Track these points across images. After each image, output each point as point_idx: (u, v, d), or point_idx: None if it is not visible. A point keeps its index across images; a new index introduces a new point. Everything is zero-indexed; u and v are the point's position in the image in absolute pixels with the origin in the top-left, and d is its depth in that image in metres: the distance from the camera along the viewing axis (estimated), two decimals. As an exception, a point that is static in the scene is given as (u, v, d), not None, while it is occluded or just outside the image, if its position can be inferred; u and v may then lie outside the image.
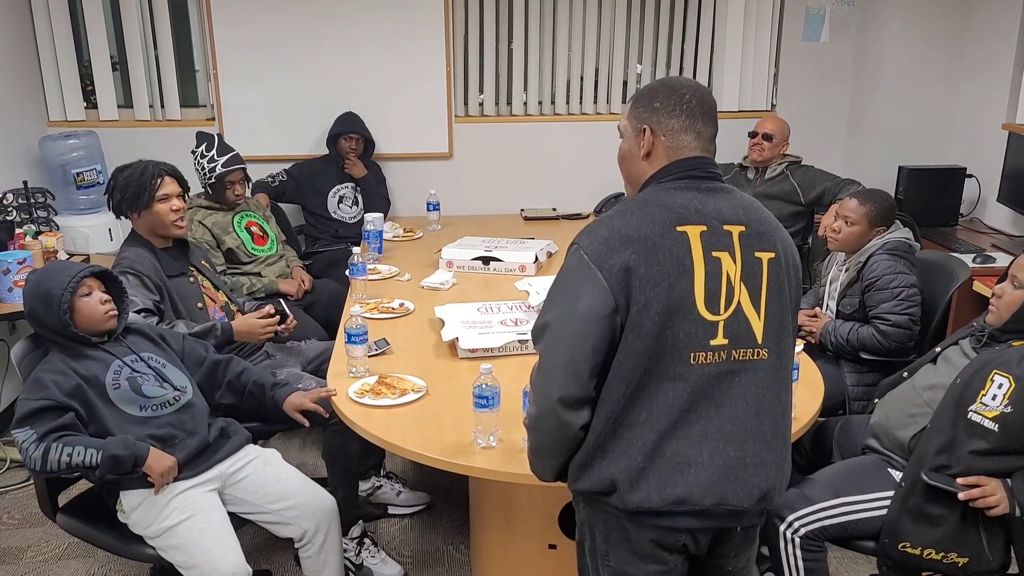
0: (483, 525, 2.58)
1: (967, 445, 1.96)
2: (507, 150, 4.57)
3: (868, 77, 4.48)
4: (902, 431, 2.18)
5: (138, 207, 2.65)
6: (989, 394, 1.95)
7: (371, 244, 3.55)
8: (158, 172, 2.67)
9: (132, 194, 2.64)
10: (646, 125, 1.55)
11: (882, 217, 2.80)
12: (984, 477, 1.94)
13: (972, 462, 1.96)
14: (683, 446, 1.47)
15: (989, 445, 1.94)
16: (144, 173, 2.65)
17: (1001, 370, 1.96)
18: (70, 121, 4.23)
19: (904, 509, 2.02)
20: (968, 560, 2.00)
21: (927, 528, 2.00)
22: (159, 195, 2.64)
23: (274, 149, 4.34)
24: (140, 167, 2.68)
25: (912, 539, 2.02)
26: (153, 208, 2.64)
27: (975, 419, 1.95)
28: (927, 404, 2.13)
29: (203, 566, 2.04)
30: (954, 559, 2.00)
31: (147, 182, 2.63)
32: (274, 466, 2.33)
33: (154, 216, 2.66)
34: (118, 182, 2.68)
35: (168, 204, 2.66)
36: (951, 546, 1.99)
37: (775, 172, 3.88)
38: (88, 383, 2.13)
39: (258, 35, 4.23)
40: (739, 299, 1.48)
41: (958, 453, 1.97)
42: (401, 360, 2.49)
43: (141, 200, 2.64)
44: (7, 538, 2.95)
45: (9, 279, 3.03)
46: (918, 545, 2.02)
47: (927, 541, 2.01)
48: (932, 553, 2.01)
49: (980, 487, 1.93)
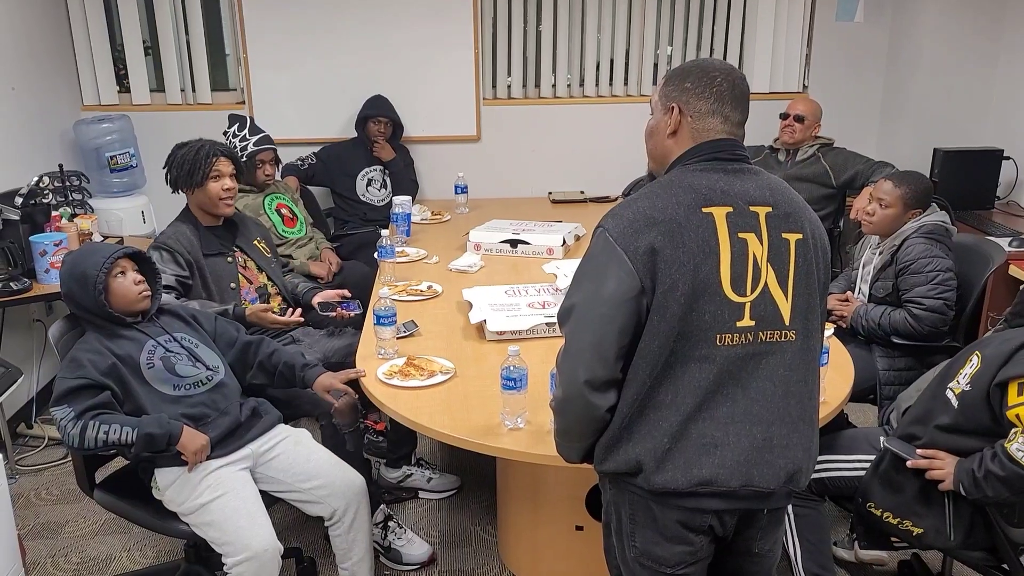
0: (510, 506, 2.60)
1: (935, 419, 2.00)
2: (535, 133, 4.56)
3: (903, 58, 4.40)
4: (907, 403, 2.23)
5: (192, 184, 2.74)
6: (964, 372, 1.97)
7: (399, 227, 3.57)
8: (214, 151, 2.75)
9: (187, 171, 2.73)
10: (675, 103, 1.54)
11: (918, 200, 2.75)
12: (941, 452, 1.97)
13: (935, 436, 1.99)
14: (709, 427, 1.47)
15: (949, 420, 1.97)
16: (200, 151, 2.74)
17: (979, 349, 1.97)
18: (104, 105, 4.29)
19: (876, 473, 2.08)
20: (924, 531, 2.02)
21: (892, 493, 2.04)
22: (212, 173, 2.72)
23: (303, 132, 4.38)
24: (197, 145, 2.77)
25: (877, 501, 2.07)
26: (206, 186, 2.73)
27: (947, 395, 1.98)
28: None
29: (235, 543, 2.08)
30: (908, 527, 2.03)
31: (202, 160, 2.72)
32: (304, 445, 2.36)
33: (205, 193, 2.75)
34: (175, 159, 2.77)
35: (220, 183, 2.75)
36: (908, 514, 2.03)
37: (806, 154, 3.84)
38: (123, 362, 2.17)
39: (287, 19, 4.25)
40: (766, 280, 1.48)
41: (927, 425, 2.02)
42: (429, 342, 2.51)
43: (195, 177, 2.73)
44: (46, 513, 3.03)
45: (46, 261, 3.09)
46: (879, 507, 2.06)
47: (887, 505, 2.05)
48: (890, 517, 2.05)
49: (930, 459, 1.97)
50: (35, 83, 3.83)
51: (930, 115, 4.31)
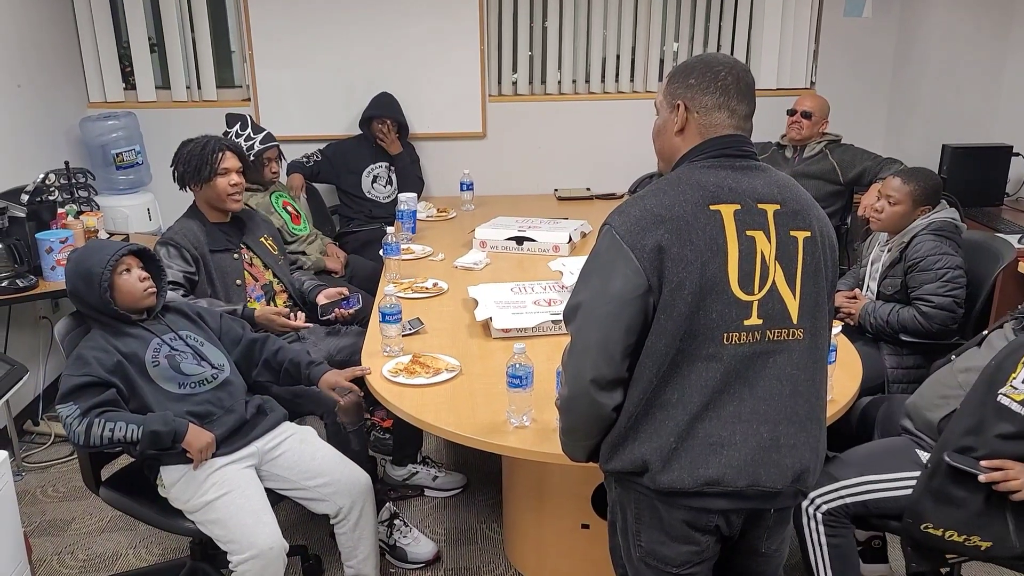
0: (516, 504, 2.59)
1: (994, 428, 1.92)
2: (541, 129, 4.55)
3: (911, 54, 4.37)
4: (933, 412, 2.15)
5: (199, 180, 2.74)
6: (1020, 377, 1.90)
7: (405, 224, 3.57)
8: (220, 147, 2.75)
9: (194, 167, 2.72)
10: (680, 101, 1.53)
11: (927, 196, 2.73)
12: (1009, 461, 1.91)
13: (997, 446, 1.92)
14: (716, 427, 1.46)
15: (1015, 428, 1.89)
16: (206, 147, 2.74)
17: None
18: (109, 102, 4.30)
19: (928, 490, 1.99)
20: (991, 544, 1.97)
21: (950, 510, 1.97)
22: (220, 169, 2.72)
23: (308, 129, 4.38)
24: (203, 141, 2.76)
25: (934, 520, 1.99)
26: (213, 181, 2.73)
27: (1004, 402, 1.91)
28: (960, 386, 2.09)
29: (241, 540, 2.08)
30: (976, 542, 1.97)
31: (208, 156, 2.72)
32: (310, 443, 2.36)
33: (212, 189, 2.74)
34: (182, 155, 2.76)
35: (227, 179, 2.74)
36: (973, 529, 1.96)
37: (814, 151, 3.82)
38: (128, 360, 2.17)
39: (292, 16, 4.25)
40: (773, 279, 1.46)
41: (984, 436, 1.93)
42: (435, 340, 2.51)
43: (202, 173, 2.72)
44: (52, 510, 3.03)
45: (52, 258, 3.09)
46: (940, 526, 1.99)
47: (949, 523, 1.98)
48: (954, 535, 1.98)
49: (1003, 470, 1.90)
50: (41, 80, 3.83)
51: (938, 111, 4.29)
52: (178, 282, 2.64)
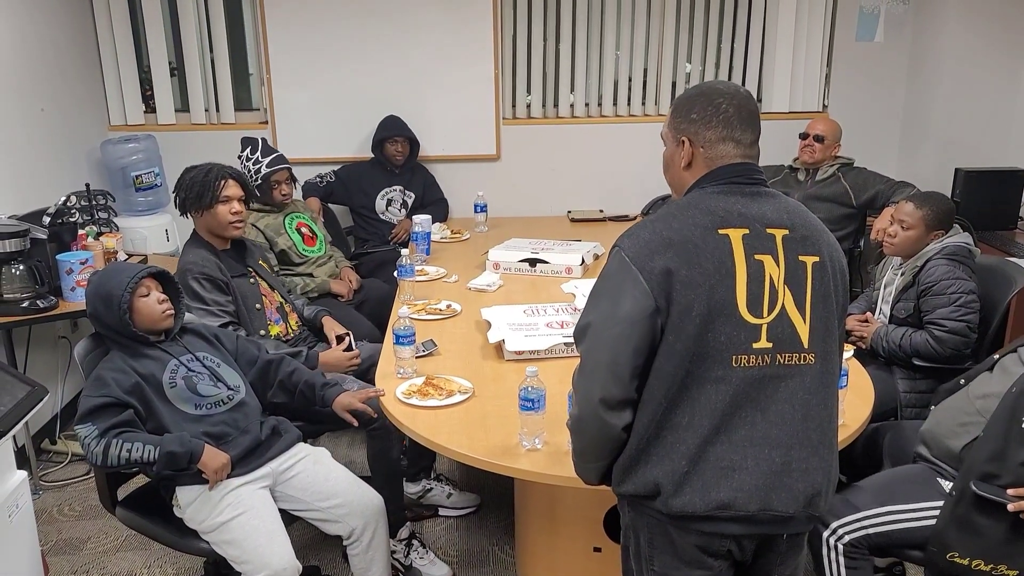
0: (528, 527, 2.59)
1: (1018, 455, 1.91)
2: (554, 152, 4.58)
3: (924, 77, 4.38)
4: (953, 440, 2.13)
5: (200, 207, 2.73)
6: None
7: (419, 246, 3.59)
8: (222, 174, 2.75)
9: (196, 194, 2.73)
10: (685, 137, 1.55)
11: (940, 221, 2.73)
12: None
13: (1022, 473, 1.90)
14: (727, 451, 1.47)
15: None
16: (209, 174, 2.74)
17: None
18: (130, 125, 4.37)
19: (952, 519, 1.97)
20: (1019, 572, 1.94)
21: (976, 538, 1.95)
22: (221, 196, 2.72)
23: (325, 152, 4.43)
24: (206, 168, 2.77)
25: (960, 549, 1.97)
26: (214, 209, 2.72)
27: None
28: (979, 413, 2.08)
29: (255, 561, 2.09)
30: (1004, 571, 1.95)
31: (211, 183, 2.72)
32: (324, 464, 2.37)
33: (213, 216, 2.73)
34: (184, 181, 2.77)
35: (228, 206, 2.74)
36: (1001, 557, 1.94)
37: (826, 174, 3.82)
38: (146, 381, 2.20)
39: (309, 39, 4.31)
40: (783, 303, 1.48)
41: (1009, 463, 1.92)
42: (448, 361, 2.52)
43: (204, 200, 2.72)
44: (69, 529, 3.06)
45: (72, 279, 3.13)
46: (966, 556, 1.97)
47: (976, 552, 1.96)
48: (981, 564, 1.96)
49: None
50: (63, 104, 3.90)
51: (951, 135, 4.29)
52: (230, 317, 2.66)
